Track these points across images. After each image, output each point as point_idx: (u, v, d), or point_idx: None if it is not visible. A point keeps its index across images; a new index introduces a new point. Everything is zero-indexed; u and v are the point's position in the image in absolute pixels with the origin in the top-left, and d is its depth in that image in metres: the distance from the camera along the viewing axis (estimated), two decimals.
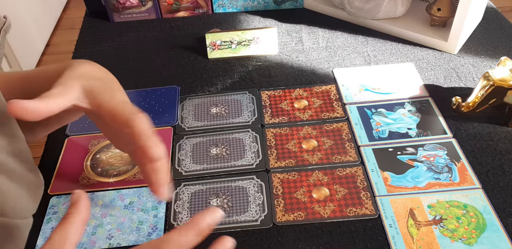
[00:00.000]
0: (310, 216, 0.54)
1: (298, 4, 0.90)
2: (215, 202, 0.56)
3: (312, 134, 0.64)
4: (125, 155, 0.63)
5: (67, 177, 0.60)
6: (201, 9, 0.90)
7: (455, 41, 0.75)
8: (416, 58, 0.77)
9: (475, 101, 0.62)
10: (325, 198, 0.56)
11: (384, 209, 0.54)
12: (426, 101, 0.68)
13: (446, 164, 0.59)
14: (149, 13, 0.90)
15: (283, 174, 0.59)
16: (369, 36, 0.82)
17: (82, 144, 0.65)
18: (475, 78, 0.72)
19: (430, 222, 0.53)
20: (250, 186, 0.58)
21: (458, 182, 0.57)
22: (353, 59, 0.77)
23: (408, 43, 0.80)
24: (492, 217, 0.53)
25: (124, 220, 0.55)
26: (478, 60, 0.75)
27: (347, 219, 0.54)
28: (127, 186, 0.59)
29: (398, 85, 0.71)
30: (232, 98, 0.71)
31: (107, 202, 0.57)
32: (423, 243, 0.51)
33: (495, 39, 0.80)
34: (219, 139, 0.64)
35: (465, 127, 0.64)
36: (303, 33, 0.84)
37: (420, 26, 0.80)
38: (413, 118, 0.65)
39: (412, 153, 0.61)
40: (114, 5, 0.87)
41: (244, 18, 0.88)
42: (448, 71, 0.73)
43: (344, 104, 0.69)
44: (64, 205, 0.57)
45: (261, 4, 0.89)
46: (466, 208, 0.54)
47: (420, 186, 0.56)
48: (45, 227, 0.55)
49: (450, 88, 0.70)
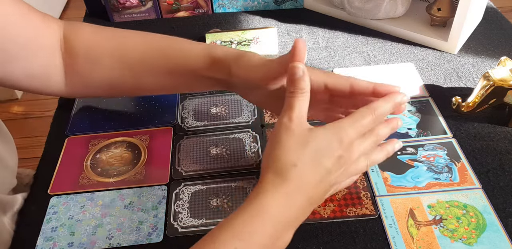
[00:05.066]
0: (310, 216, 0.54)
1: (298, 4, 0.90)
2: (215, 202, 0.56)
3: None
4: (125, 155, 0.63)
5: (67, 177, 0.60)
6: (201, 9, 0.90)
7: (455, 41, 0.75)
8: (416, 58, 0.77)
9: (475, 101, 0.62)
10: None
11: (384, 209, 0.54)
12: (426, 101, 0.68)
13: (446, 164, 0.59)
14: (149, 13, 0.90)
15: None
16: (369, 36, 0.82)
17: (82, 144, 0.65)
18: (475, 78, 0.72)
19: (430, 222, 0.53)
20: (250, 186, 0.58)
21: (458, 182, 0.57)
22: (353, 59, 0.77)
23: (408, 43, 0.80)
24: (492, 217, 0.53)
25: (124, 220, 0.55)
26: (478, 60, 0.75)
27: (347, 219, 0.54)
28: (127, 186, 0.59)
29: (398, 85, 0.71)
30: (232, 98, 0.71)
31: (107, 202, 0.57)
32: (423, 243, 0.51)
33: (495, 39, 0.80)
34: (219, 139, 0.64)
35: (465, 127, 0.64)
36: (303, 33, 0.84)
37: (420, 26, 0.80)
38: (413, 118, 0.65)
39: (412, 153, 0.60)
40: (114, 5, 0.87)
41: (244, 18, 0.88)
42: (448, 71, 0.73)
43: None
44: (64, 205, 0.57)
45: (261, 4, 0.89)
46: (466, 208, 0.54)
47: (420, 186, 0.56)
48: (45, 227, 0.55)
49: (450, 88, 0.70)
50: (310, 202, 0.43)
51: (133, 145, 0.64)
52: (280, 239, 0.41)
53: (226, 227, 0.39)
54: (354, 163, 0.45)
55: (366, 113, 0.44)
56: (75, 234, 0.54)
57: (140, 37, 0.58)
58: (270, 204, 0.40)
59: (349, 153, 0.43)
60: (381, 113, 0.45)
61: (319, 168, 0.41)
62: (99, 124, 0.68)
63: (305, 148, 0.41)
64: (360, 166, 0.46)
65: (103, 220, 0.56)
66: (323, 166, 0.42)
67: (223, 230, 0.39)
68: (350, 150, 0.43)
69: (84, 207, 0.57)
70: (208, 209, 0.56)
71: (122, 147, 0.64)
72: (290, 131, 0.42)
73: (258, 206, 0.39)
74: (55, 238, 0.54)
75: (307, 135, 0.42)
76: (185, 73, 0.55)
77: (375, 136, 0.46)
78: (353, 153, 0.44)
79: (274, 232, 0.39)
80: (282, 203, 0.40)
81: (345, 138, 0.43)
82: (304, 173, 0.41)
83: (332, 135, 0.43)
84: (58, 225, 0.55)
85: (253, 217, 0.39)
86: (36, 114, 1.83)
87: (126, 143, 0.65)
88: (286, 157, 0.41)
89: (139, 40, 0.58)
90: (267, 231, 0.39)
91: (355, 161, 0.45)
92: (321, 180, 0.42)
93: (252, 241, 0.38)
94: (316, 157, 0.41)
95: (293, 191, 0.40)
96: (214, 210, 0.55)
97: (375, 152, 0.47)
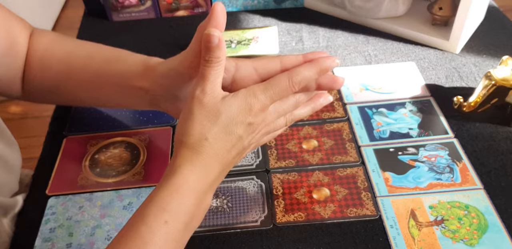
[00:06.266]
0: (311, 217, 0.54)
1: (299, 3, 0.89)
2: (215, 202, 0.56)
3: (312, 134, 0.64)
4: (124, 155, 0.62)
5: (65, 178, 0.60)
6: (201, 8, 0.89)
7: (457, 41, 0.74)
8: (418, 57, 0.76)
9: (477, 101, 0.61)
10: (325, 198, 0.56)
11: (385, 209, 0.54)
12: (427, 101, 0.68)
13: (447, 164, 0.58)
14: (148, 12, 0.89)
15: (283, 174, 0.59)
16: (370, 35, 0.82)
17: (81, 144, 0.64)
18: (477, 77, 0.71)
19: (431, 222, 0.52)
20: (250, 186, 0.58)
21: (460, 182, 0.56)
22: (354, 59, 0.77)
23: (409, 43, 0.79)
24: (494, 218, 0.52)
25: (123, 220, 0.55)
26: (480, 59, 0.75)
27: (347, 219, 0.53)
28: (126, 186, 0.59)
29: (399, 84, 0.71)
30: None
31: (105, 203, 0.57)
32: (425, 244, 0.50)
33: (497, 38, 0.79)
34: None
35: (466, 127, 0.63)
36: (303, 32, 0.83)
37: (421, 25, 0.80)
38: (414, 118, 0.65)
39: (413, 153, 0.60)
40: (113, 4, 0.87)
41: (244, 17, 0.88)
42: (449, 71, 0.73)
43: (345, 104, 0.68)
44: (62, 205, 0.57)
45: (261, 3, 0.89)
46: (468, 208, 0.53)
47: (421, 186, 0.56)
48: (43, 228, 0.55)
49: (452, 88, 0.70)
50: (224, 168, 0.45)
51: (132, 145, 0.64)
52: (202, 203, 0.43)
53: (152, 203, 0.41)
54: (268, 125, 0.46)
55: (282, 79, 0.44)
56: (73, 235, 0.54)
57: (88, 46, 0.59)
58: (189, 177, 0.42)
59: (261, 119, 0.44)
60: (300, 79, 0.45)
61: (230, 136, 0.43)
62: (97, 124, 0.67)
63: (217, 120, 0.43)
64: (278, 125, 0.47)
65: (102, 221, 0.55)
66: (234, 134, 0.43)
67: (150, 206, 0.41)
68: (261, 116, 0.44)
69: (83, 207, 0.57)
70: (208, 209, 0.55)
71: (121, 147, 0.63)
72: (202, 104, 0.43)
73: (178, 181, 0.42)
74: (54, 239, 0.53)
75: (219, 106, 0.43)
76: (117, 82, 0.54)
77: (293, 101, 0.46)
78: (266, 118, 0.45)
79: (196, 200, 0.42)
80: (199, 174, 0.42)
81: (255, 105, 0.43)
82: (216, 144, 0.43)
83: (242, 101, 0.43)
84: (57, 226, 0.55)
85: (175, 191, 0.41)
86: (34, 114, 1.83)
87: (125, 143, 0.64)
88: (197, 131, 0.42)
89: (87, 49, 0.58)
90: (190, 201, 0.42)
91: (270, 124, 0.46)
92: (233, 146, 0.44)
93: (179, 212, 0.41)
94: (227, 126, 0.43)
95: (207, 162, 0.43)
96: (214, 211, 0.55)
97: (297, 109, 0.48)
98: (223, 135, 0.43)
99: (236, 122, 0.43)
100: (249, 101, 0.43)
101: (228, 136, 0.43)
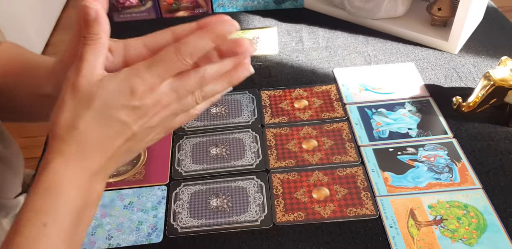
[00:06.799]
0: (310, 217, 0.54)
1: (298, 4, 0.90)
2: (215, 202, 0.56)
3: (312, 134, 0.64)
4: None
5: None
6: (201, 8, 0.90)
7: (456, 41, 0.75)
8: (417, 58, 0.76)
9: (476, 101, 0.62)
10: (325, 198, 0.56)
11: (384, 209, 0.54)
12: (426, 101, 0.68)
13: (446, 164, 0.59)
14: (148, 12, 0.89)
15: (283, 174, 0.59)
16: (369, 35, 0.82)
17: None
18: (476, 78, 0.72)
19: (430, 222, 0.53)
20: (250, 186, 0.58)
21: (459, 182, 0.57)
22: (354, 59, 0.77)
23: (408, 43, 0.80)
24: (492, 218, 0.53)
25: (124, 220, 0.55)
26: (479, 60, 0.75)
27: (347, 219, 0.54)
28: (126, 186, 0.59)
29: (399, 85, 0.71)
30: (232, 98, 0.71)
31: (106, 202, 0.57)
32: (424, 243, 0.51)
33: (495, 39, 0.79)
34: (219, 139, 0.64)
35: (465, 127, 0.64)
36: (303, 32, 0.84)
37: (420, 25, 0.80)
38: (414, 118, 0.65)
39: (412, 153, 0.60)
40: (114, 4, 0.87)
41: (244, 17, 0.88)
42: (448, 71, 0.73)
43: (345, 104, 0.68)
44: None
45: (261, 3, 0.89)
46: (467, 208, 0.54)
47: (420, 186, 0.56)
48: None
49: (451, 88, 0.70)
50: (111, 155, 0.39)
51: None
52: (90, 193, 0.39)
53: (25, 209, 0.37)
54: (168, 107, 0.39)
55: (169, 52, 0.37)
56: None
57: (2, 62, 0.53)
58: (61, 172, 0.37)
59: (152, 101, 0.38)
60: (191, 50, 0.37)
61: (110, 122, 0.38)
62: None
63: (90, 105, 0.37)
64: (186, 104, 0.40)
65: (103, 220, 0.55)
66: (115, 119, 0.38)
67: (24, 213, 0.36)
68: (150, 97, 0.37)
69: None
70: (207, 209, 0.55)
71: None
72: (75, 88, 0.37)
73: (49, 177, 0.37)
74: None
75: (93, 89, 0.37)
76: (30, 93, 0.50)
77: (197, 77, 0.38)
78: (161, 100, 0.38)
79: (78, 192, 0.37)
80: (74, 166, 0.37)
81: (138, 86, 0.37)
82: (91, 132, 0.37)
83: (122, 82, 0.37)
84: None
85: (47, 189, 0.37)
86: None
87: None
88: (66, 120, 0.37)
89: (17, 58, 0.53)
90: (71, 195, 0.37)
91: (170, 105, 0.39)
92: (117, 133, 0.38)
93: (59, 210, 0.36)
94: (104, 111, 0.37)
95: (82, 152, 0.38)
96: (214, 210, 0.55)
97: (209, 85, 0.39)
98: (99, 121, 0.37)
99: (115, 106, 0.37)
100: (130, 82, 0.37)
101: (108, 122, 0.37)
